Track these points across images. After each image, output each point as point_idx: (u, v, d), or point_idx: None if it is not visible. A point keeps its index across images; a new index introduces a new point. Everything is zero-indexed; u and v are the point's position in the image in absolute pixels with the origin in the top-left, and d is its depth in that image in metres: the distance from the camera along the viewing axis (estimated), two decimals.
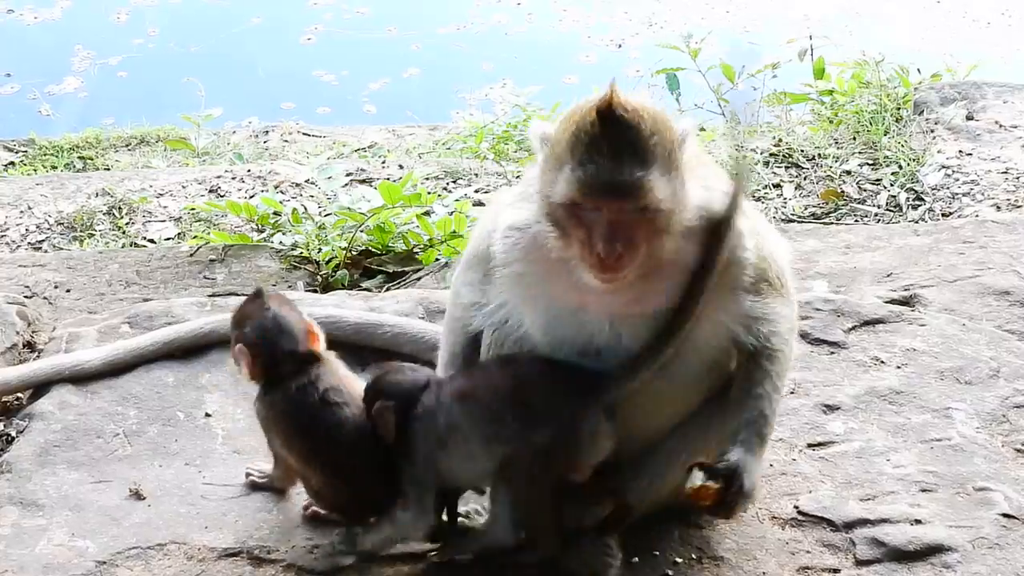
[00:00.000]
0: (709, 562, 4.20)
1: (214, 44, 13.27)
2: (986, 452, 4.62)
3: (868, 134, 8.22)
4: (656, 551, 4.22)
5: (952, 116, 8.33)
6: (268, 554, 4.27)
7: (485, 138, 9.06)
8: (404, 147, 9.61)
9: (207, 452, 4.73)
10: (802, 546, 4.28)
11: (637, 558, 4.18)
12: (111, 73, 12.78)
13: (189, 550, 4.30)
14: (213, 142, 9.85)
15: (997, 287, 5.70)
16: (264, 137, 10.23)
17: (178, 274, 6.65)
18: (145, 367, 5.12)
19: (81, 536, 4.34)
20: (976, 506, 4.39)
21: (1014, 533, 4.29)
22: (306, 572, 4.20)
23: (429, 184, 8.02)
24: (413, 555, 4.19)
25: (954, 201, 7.46)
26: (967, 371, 4.99)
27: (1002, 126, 8.23)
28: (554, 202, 3.74)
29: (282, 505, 4.48)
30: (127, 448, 4.75)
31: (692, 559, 4.21)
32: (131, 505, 4.49)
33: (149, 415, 4.90)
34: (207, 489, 4.55)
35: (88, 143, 9.90)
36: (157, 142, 10.00)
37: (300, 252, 6.79)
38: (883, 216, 7.37)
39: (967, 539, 4.25)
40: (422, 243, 6.81)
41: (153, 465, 4.67)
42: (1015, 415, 4.81)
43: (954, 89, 8.71)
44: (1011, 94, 8.62)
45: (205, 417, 4.90)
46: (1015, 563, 4.18)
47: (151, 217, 7.84)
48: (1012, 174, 7.67)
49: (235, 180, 8.31)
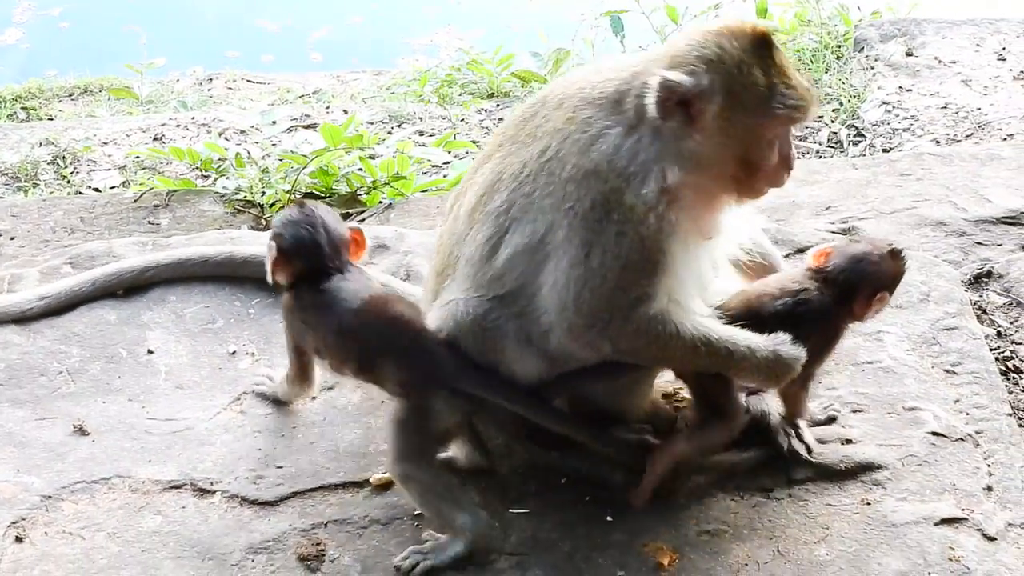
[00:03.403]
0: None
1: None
2: (916, 373, 4.71)
3: (809, 72, 8.25)
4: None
5: (892, 53, 8.37)
6: (211, 485, 4.35)
7: (429, 82, 9.06)
8: (349, 93, 9.59)
9: (150, 388, 4.78)
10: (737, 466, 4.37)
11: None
12: (52, 24, 12.68)
13: (133, 483, 4.36)
14: (157, 90, 9.81)
15: (933, 218, 5.77)
16: (208, 85, 10.18)
17: (122, 220, 6.65)
18: (87, 305, 5.14)
19: (26, 472, 4.40)
20: (906, 425, 4.49)
21: (942, 450, 4.39)
22: (248, 502, 4.28)
23: (374, 128, 8.04)
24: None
25: (894, 137, 7.52)
26: (898, 296, 5.02)
27: (941, 62, 8.29)
28: (760, 135, 3.87)
29: (225, 438, 4.54)
30: (70, 385, 4.78)
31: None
32: (75, 441, 4.54)
33: (92, 353, 4.93)
34: (151, 424, 4.61)
35: (31, 94, 9.83)
36: (100, 91, 9.94)
37: (244, 196, 6.80)
38: (825, 152, 7.43)
39: (897, 457, 4.36)
40: (366, 185, 6.83)
41: (97, 401, 4.71)
42: (944, 337, 4.90)
43: (894, 26, 8.74)
44: (950, 30, 8.67)
45: (148, 354, 4.93)
46: (943, 479, 4.29)
47: (95, 166, 7.82)
48: (951, 109, 7.74)
49: (179, 128, 8.29)
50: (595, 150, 3.88)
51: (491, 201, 4.09)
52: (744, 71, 3.79)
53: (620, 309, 3.88)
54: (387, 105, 8.66)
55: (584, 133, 3.92)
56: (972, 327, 4.98)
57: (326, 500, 4.29)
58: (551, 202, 3.94)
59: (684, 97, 3.76)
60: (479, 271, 4.09)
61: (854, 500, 4.22)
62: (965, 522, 4.14)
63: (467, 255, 4.14)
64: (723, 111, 3.79)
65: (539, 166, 3.99)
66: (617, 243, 3.84)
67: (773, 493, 4.27)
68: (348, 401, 4.69)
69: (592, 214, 3.86)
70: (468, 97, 8.79)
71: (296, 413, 4.64)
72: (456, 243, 4.22)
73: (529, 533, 4.13)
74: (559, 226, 3.92)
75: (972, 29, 8.71)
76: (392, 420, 4.13)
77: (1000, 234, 5.68)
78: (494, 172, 4.13)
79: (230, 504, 4.28)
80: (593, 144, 3.89)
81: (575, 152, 3.91)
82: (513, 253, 4.01)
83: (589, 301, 3.89)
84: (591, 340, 3.96)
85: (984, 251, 5.56)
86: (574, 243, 3.89)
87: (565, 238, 3.91)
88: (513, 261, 4.02)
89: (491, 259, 4.06)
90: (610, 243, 3.85)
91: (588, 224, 3.87)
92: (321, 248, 4.30)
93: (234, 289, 5.23)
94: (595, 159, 3.87)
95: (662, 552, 4.05)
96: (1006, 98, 7.74)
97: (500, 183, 4.08)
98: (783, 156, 3.92)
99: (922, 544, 4.05)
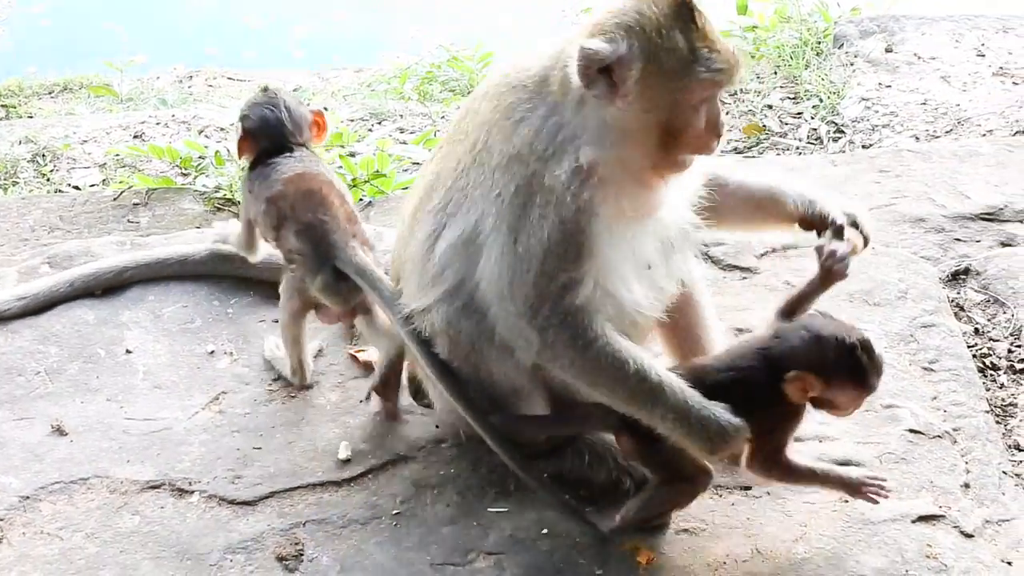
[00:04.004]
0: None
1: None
2: (894, 371, 4.72)
3: (789, 68, 8.28)
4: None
5: (871, 49, 8.39)
6: (190, 485, 4.35)
7: (409, 79, 9.05)
8: (330, 90, 9.58)
9: (128, 388, 4.77)
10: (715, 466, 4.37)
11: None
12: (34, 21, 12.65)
13: (111, 483, 4.36)
14: (137, 88, 9.79)
15: (912, 215, 5.78)
16: (188, 82, 10.17)
17: (101, 219, 6.63)
18: (65, 305, 5.15)
19: (3, 472, 4.40)
20: (883, 423, 4.51)
21: (919, 448, 4.41)
22: (227, 502, 4.28)
23: (354, 125, 8.03)
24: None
25: (874, 133, 7.54)
26: (876, 293, 5.09)
27: (920, 58, 8.31)
28: (683, 100, 3.79)
29: (203, 438, 4.54)
30: (48, 386, 4.78)
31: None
32: (53, 441, 4.54)
33: (70, 353, 4.93)
34: (129, 424, 4.60)
35: (10, 91, 9.81)
36: (80, 89, 9.93)
37: (223, 194, 6.77)
38: (804, 149, 7.44)
39: (874, 454, 4.37)
40: (346, 183, 6.81)
41: (75, 402, 4.71)
42: (922, 334, 4.92)
43: (873, 22, 8.76)
44: (929, 26, 8.69)
45: (126, 354, 4.93)
46: (920, 476, 4.30)
47: (75, 164, 7.79)
48: (930, 105, 7.76)
49: (159, 125, 8.27)
50: (517, 135, 3.88)
51: (429, 201, 4.13)
52: (664, 35, 3.74)
53: (548, 297, 3.86)
54: (368, 102, 8.65)
55: (508, 119, 3.92)
56: (950, 324, 5.00)
57: (304, 500, 4.29)
58: (481, 192, 3.96)
59: (604, 63, 3.72)
60: (422, 269, 4.12)
61: (832, 498, 4.22)
62: (942, 519, 4.15)
63: (411, 255, 4.18)
64: (645, 77, 3.74)
65: (471, 159, 4.01)
66: (540, 226, 3.83)
67: (751, 491, 4.28)
68: (327, 400, 4.69)
69: (516, 199, 3.87)
70: (449, 94, 8.79)
71: (275, 412, 4.65)
72: (403, 246, 4.26)
73: (508, 532, 4.13)
74: (488, 214, 3.94)
75: (951, 25, 8.73)
76: (284, 282, 4.70)
77: (978, 230, 5.69)
78: (432, 173, 4.19)
79: (208, 504, 4.28)
80: (516, 129, 3.89)
81: (500, 140, 3.92)
82: (448, 246, 4.04)
83: (520, 288, 3.88)
84: (522, 331, 3.94)
85: (963, 247, 5.57)
86: (502, 231, 3.90)
87: (494, 227, 3.92)
88: (448, 255, 4.04)
89: (429, 256, 4.08)
90: (534, 227, 3.84)
91: (513, 210, 3.87)
92: (283, 125, 4.82)
93: (212, 289, 5.25)
94: (517, 144, 3.88)
95: (640, 551, 4.05)
96: (985, 94, 7.76)
97: (438, 182, 4.12)
98: (711, 122, 3.86)
99: (900, 541, 4.06)
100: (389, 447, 4.47)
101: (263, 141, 4.83)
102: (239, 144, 4.88)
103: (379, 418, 4.57)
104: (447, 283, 4.05)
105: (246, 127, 4.85)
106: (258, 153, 4.83)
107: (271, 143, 4.82)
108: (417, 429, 4.55)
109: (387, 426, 4.55)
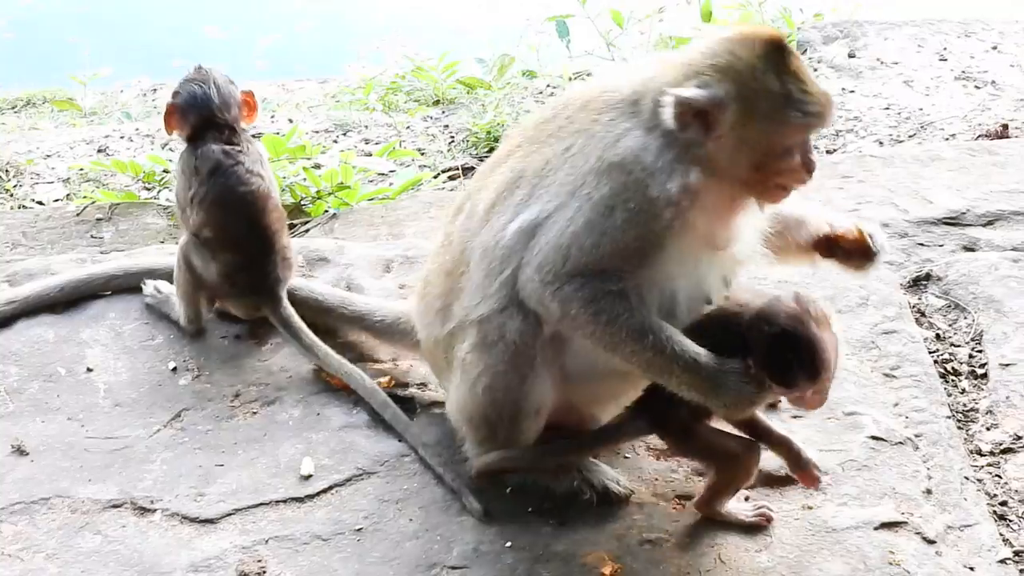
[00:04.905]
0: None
1: (101, 3, 13.07)
2: (856, 378, 4.74)
3: None
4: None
5: (835, 54, 8.45)
6: (152, 503, 4.32)
7: (374, 89, 9.04)
8: (294, 101, 9.56)
9: (89, 406, 4.74)
10: (677, 475, 4.39)
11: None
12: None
13: (73, 503, 4.33)
14: (101, 101, 9.75)
15: (875, 220, 5.77)
16: (153, 96, 10.11)
17: (65, 234, 6.61)
18: (25, 323, 5.12)
19: None
20: (845, 430, 4.51)
21: (882, 455, 4.41)
22: (189, 520, 4.25)
23: (319, 137, 8.02)
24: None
25: (838, 138, 7.57)
26: (837, 300, 5.09)
27: (883, 63, 8.36)
28: (777, 142, 3.81)
29: (165, 456, 4.51)
30: (8, 405, 4.74)
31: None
32: (14, 461, 4.50)
33: (30, 371, 4.90)
34: (90, 443, 4.57)
35: None
36: (44, 103, 9.89)
37: None
38: None
39: (837, 462, 4.37)
40: (310, 195, 6.81)
41: (35, 421, 4.67)
42: (883, 341, 4.93)
43: (836, 27, 8.82)
44: (892, 31, 8.75)
45: (87, 372, 4.90)
46: (883, 483, 4.30)
47: (39, 179, 7.76)
48: (894, 110, 7.80)
49: (123, 139, 8.25)
50: (622, 145, 3.88)
51: (512, 196, 4.11)
52: (758, 78, 3.76)
53: (583, 275, 3.89)
54: (332, 114, 8.64)
55: (610, 132, 3.93)
56: (911, 330, 5.01)
57: (267, 516, 4.27)
58: (568, 188, 3.96)
59: (700, 109, 3.75)
60: (492, 255, 4.11)
61: (795, 506, 4.23)
62: (905, 526, 4.15)
63: (482, 244, 4.15)
64: (739, 119, 3.77)
65: (562, 160, 4.01)
66: (622, 229, 3.85)
67: None
68: (288, 416, 4.67)
69: (606, 200, 3.87)
70: (414, 104, 8.78)
71: (237, 429, 4.62)
72: (471, 238, 4.21)
73: (471, 546, 4.11)
74: (567, 207, 3.94)
75: (913, 30, 8.79)
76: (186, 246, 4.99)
77: (941, 235, 5.71)
78: (514, 170, 4.14)
79: (171, 522, 4.25)
80: (619, 140, 3.90)
81: (600, 147, 3.92)
82: (518, 228, 4.04)
83: (559, 261, 3.91)
84: (542, 297, 3.96)
85: (926, 252, 5.59)
86: (577, 222, 3.91)
87: (569, 218, 3.93)
88: (516, 236, 4.04)
89: (499, 239, 4.09)
90: (615, 228, 3.86)
91: (598, 208, 3.88)
92: (212, 101, 4.97)
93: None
94: (622, 153, 3.87)
95: (604, 561, 4.04)
96: (947, 98, 7.81)
97: (522, 179, 4.10)
98: (804, 160, 3.89)
99: (862, 548, 4.06)
100: (352, 462, 4.45)
101: (192, 117, 5.00)
102: (166, 118, 5.04)
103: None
104: (509, 266, 4.06)
105: (175, 102, 5.02)
106: (194, 129, 5.00)
107: (199, 119, 4.99)
108: (380, 444, 4.53)
109: (350, 441, 4.53)
